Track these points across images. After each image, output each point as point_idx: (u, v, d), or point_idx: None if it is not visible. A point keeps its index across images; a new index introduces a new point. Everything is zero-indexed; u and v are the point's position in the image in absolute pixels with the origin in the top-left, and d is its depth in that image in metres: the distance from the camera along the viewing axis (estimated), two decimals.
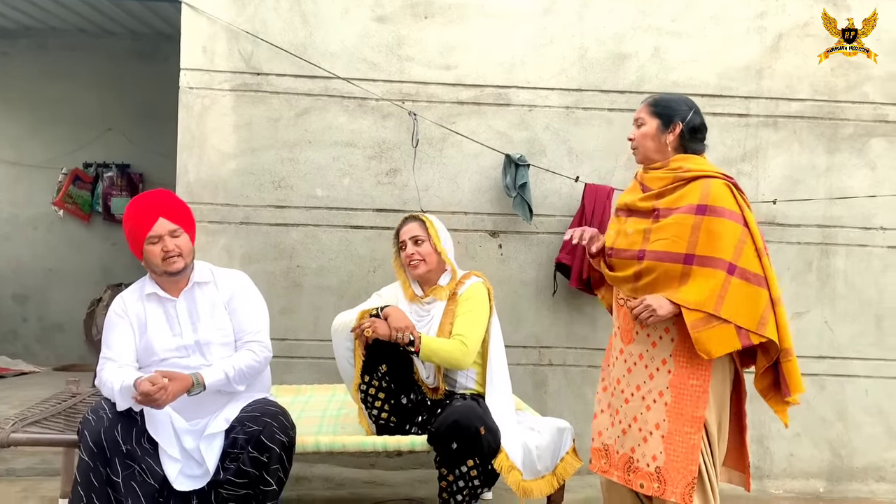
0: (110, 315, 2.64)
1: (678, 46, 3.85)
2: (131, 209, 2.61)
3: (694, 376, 2.33)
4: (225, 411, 2.57)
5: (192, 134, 3.74)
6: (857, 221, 3.88)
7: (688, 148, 2.46)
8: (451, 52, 3.80)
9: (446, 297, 2.98)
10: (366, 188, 3.79)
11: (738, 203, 2.32)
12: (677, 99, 2.53)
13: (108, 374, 2.53)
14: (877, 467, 3.91)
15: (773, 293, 2.29)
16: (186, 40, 3.74)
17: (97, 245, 6.85)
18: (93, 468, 2.38)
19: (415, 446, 2.67)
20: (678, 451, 2.33)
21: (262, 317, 2.72)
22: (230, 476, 2.46)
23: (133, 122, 6.80)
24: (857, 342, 3.89)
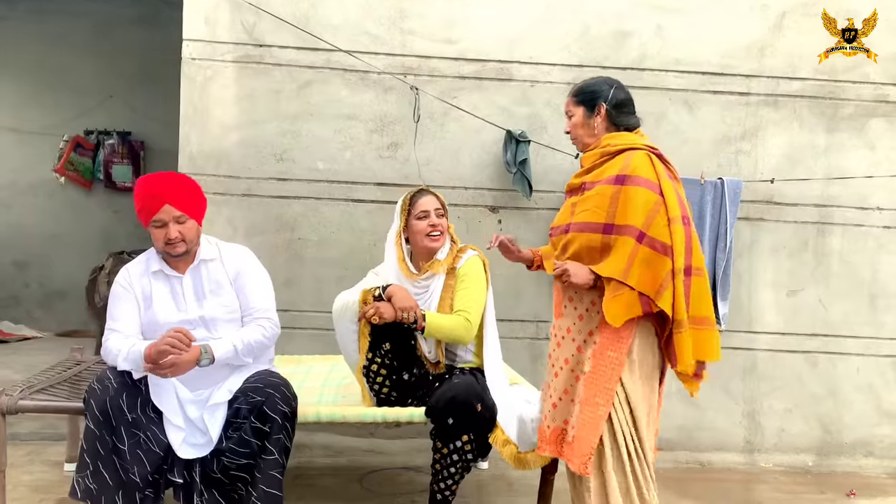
0: (115, 287, 2.68)
1: (680, 24, 3.85)
2: (140, 190, 2.62)
3: (613, 348, 2.35)
4: (228, 382, 2.63)
5: (195, 105, 3.75)
6: (854, 201, 3.92)
7: (619, 124, 2.49)
8: (454, 26, 3.80)
9: (444, 272, 3.00)
10: (367, 162, 3.81)
11: (657, 172, 2.34)
12: (597, 81, 2.57)
13: (113, 344, 2.58)
14: (865, 443, 3.99)
15: (675, 263, 2.28)
16: (189, 11, 3.73)
17: (98, 212, 6.87)
18: (99, 436, 2.44)
19: (413, 418, 2.73)
20: (586, 420, 2.37)
21: (269, 293, 2.76)
22: (232, 445, 2.51)
23: (134, 89, 6.78)
24: (850, 320, 3.95)
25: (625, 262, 2.28)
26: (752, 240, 3.90)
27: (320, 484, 3.43)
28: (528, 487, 3.28)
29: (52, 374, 3.07)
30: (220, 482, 2.53)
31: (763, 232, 3.91)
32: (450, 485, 2.75)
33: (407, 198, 3.02)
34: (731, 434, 3.95)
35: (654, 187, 2.31)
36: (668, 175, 2.39)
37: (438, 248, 2.99)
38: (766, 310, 3.93)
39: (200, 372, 2.61)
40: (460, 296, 2.91)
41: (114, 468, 2.43)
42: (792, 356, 3.95)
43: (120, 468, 2.43)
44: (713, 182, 3.72)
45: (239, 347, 2.58)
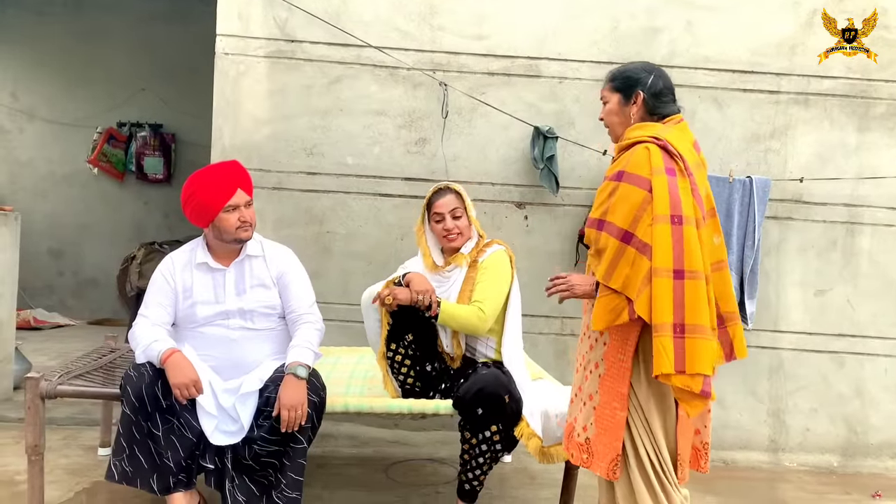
0: (157, 274, 2.76)
1: (711, 21, 3.84)
2: (207, 179, 2.69)
3: (621, 351, 2.26)
4: (259, 371, 2.69)
5: (227, 99, 3.82)
6: (885, 201, 3.88)
7: (656, 113, 2.32)
8: (483, 22, 3.82)
9: (466, 265, 3.04)
10: (395, 157, 3.85)
11: (651, 167, 2.16)
12: (635, 67, 2.39)
13: (139, 330, 2.67)
14: (892, 444, 3.97)
15: (653, 263, 2.11)
16: (223, 6, 3.80)
17: (130, 203, 7.01)
18: (135, 422, 2.51)
19: (439, 410, 2.76)
20: (605, 425, 2.28)
21: (311, 292, 2.86)
22: (263, 433, 2.58)
23: (166, 83, 6.90)
24: (878, 321, 3.93)
25: (608, 262, 2.19)
26: (780, 239, 3.89)
27: (346, 473, 3.49)
28: (551, 480, 3.31)
29: (88, 360, 3.15)
30: (250, 468, 2.59)
31: (791, 231, 3.89)
32: (478, 475, 2.79)
33: (427, 196, 3.07)
34: (756, 433, 3.95)
35: (644, 184, 2.16)
36: (669, 168, 2.17)
37: (459, 247, 3.04)
38: (793, 309, 3.92)
39: (232, 362, 2.70)
40: (479, 287, 2.94)
41: (149, 452, 2.51)
42: (818, 356, 3.93)
43: (155, 453, 2.51)
44: (742, 180, 3.71)
45: (315, 350, 2.73)
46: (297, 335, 2.74)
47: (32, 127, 6.97)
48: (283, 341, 2.83)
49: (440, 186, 3.12)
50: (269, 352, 2.79)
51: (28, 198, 6.86)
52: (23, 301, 5.55)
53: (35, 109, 6.96)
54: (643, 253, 2.13)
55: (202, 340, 2.73)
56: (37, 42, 6.91)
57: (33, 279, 6.62)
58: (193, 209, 2.73)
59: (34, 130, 6.98)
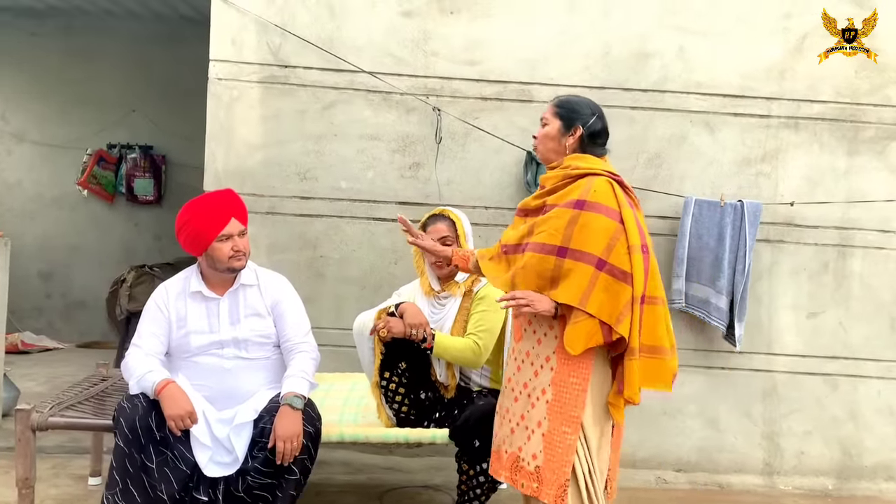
0: (150, 304, 2.74)
1: (702, 46, 3.87)
2: (201, 208, 2.69)
3: (574, 374, 2.31)
4: (254, 401, 2.67)
5: (221, 124, 3.81)
6: (875, 224, 3.91)
7: (587, 151, 2.44)
8: (476, 48, 3.84)
9: (461, 294, 3.03)
10: (389, 181, 3.85)
11: (618, 200, 2.31)
12: (582, 102, 2.50)
13: (132, 361, 2.65)
14: (886, 466, 3.97)
15: (635, 291, 2.25)
16: (216, 32, 3.80)
17: (120, 225, 6.98)
18: (128, 454, 2.48)
19: (435, 439, 2.76)
20: (555, 451, 2.32)
21: (306, 321, 2.85)
22: (257, 464, 2.55)
23: (156, 105, 6.90)
24: (871, 343, 3.94)
25: (583, 289, 2.25)
26: (772, 262, 3.91)
27: (341, 501, 3.45)
28: None
29: (80, 389, 3.11)
30: (242, 501, 2.56)
31: (783, 254, 3.91)
32: None
33: (423, 220, 3.09)
34: (750, 456, 3.94)
35: (615, 215, 2.29)
36: (629, 203, 2.36)
37: (445, 274, 3.04)
38: (786, 332, 3.93)
39: (226, 392, 2.68)
40: (474, 319, 2.94)
41: (142, 486, 2.47)
42: (812, 378, 3.94)
43: (148, 486, 2.47)
44: (733, 204, 3.73)
45: (311, 380, 2.69)
46: (292, 364, 2.72)
47: (21, 149, 6.95)
48: (277, 370, 2.81)
49: (436, 212, 3.12)
50: (264, 381, 2.77)
51: (16, 220, 6.81)
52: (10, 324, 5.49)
53: (25, 131, 6.94)
54: (622, 280, 2.25)
55: (196, 370, 2.71)
56: (27, 63, 6.89)
57: (21, 302, 6.54)
58: (187, 237, 2.72)
59: (23, 152, 6.95)
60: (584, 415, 2.32)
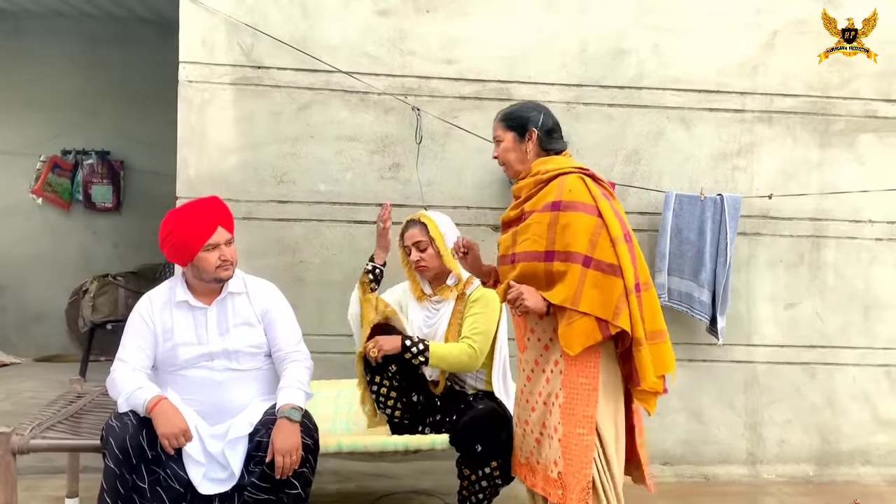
0: (134, 316, 2.64)
1: (677, 42, 3.89)
2: (186, 217, 2.60)
3: (583, 374, 2.31)
4: (248, 414, 2.58)
5: (193, 128, 3.69)
6: (847, 214, 3.99)
7: (548, 150, 2.47)
8: (453, 47, 3.80)
9: (454, 298, 3.00)
10: (369, 183, 3.79)
11: (592, 195, 2.32)
12: (525, 106, 2.56)
13: (119, 377, 2.55)
14: (863, 451, 4.06)
15: (627, 282, 2.25)
16: (185, 33, 3.67)
17: (78, 233, 6.73)
18: (119, 475, 2.37)
19: (435, 446, 2.71)
20: (573, 454, 2.31)
21: (297, 329, 2.78)
22: (255, 479, 2.47)
23: (112, 109, 6.68)
24: (845, 331, 4.02)
25: (574, 288, 2.26)
26: (749, 254, 3.96)
27: None
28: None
29: (57, 408, 2.98)
30: None
31: (760, 246, 3.97)
32: None
33: (401, 230, 3.08)
34: (734, 447, 3.99)
35: (592, 210, 2.30)
36: (604, 194, 2.38)
37: (429, 277, 3.02)
38: (765, 323, 3.99)
39: (218, 405, 2.59)
40: (469, 322, 2.91)
41: None
42: (790, 368, 4.01)
43: None
44: (713, 198, 3.77)
45: (307, 390, 2.61)
46: (286, 375, 2.64)
47: None
48: (270, 381, 2.73)
49: (410, 217, 3.09)
50: (257, 393, 2.68)
51: None
52: None
53: None
54: (612, 274, 2.26)
55: (185, 384, 2.61)
56: None
57: None
58: (171, 248, 2.63)
59: None
60: (600, 418, 2.31)
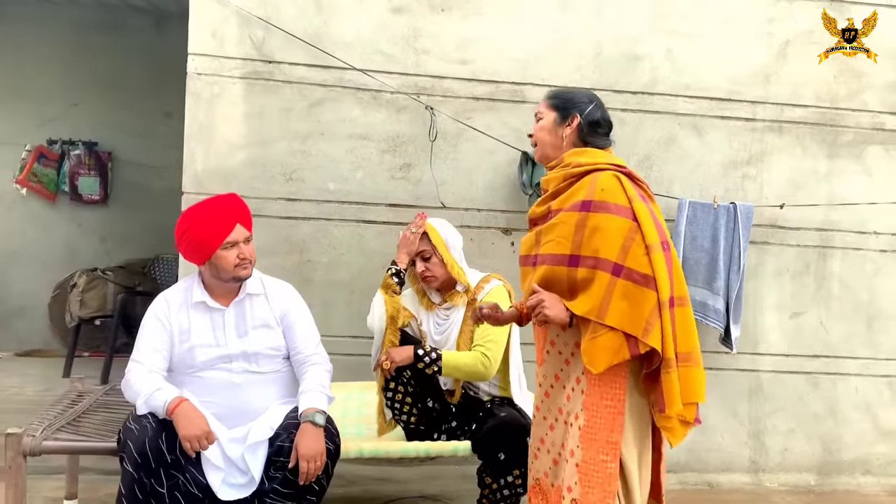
0: (150, 317, 2.55)
1: (690, 49, 3.89)
2: (203, 214, 2.53)
3: (608, 396, 2.09)
4: (268, 418, 2.52)
5: (200, 122, 3.60)
6: (854, 226, 4.01)
7: (588, 143, 2.25)
8: (468, 47, 3.75)
9: (464, 304, 2.95)
10: (379, 182, 3.73)
11: (628, 196, 2.09)
12: (578, 92, 2.37)
13: (135, 378, 2.47)
14: (863, 461, 4.09)
15: (661, 295, 2.01)
16: (195, 24, 3.58)
17: (63, 226, 6.56)
18: (137, 480, 2.30)
19: (457, 452, 2.67)
20: (594, 482, 2.10)
21: (316, 331, 2.73)
22: (276, 485, 2.41)
23: (101, 99, 6.52)
24: (849, 342, 4.05)
25: (600, 299, 2.03)
26: (757, 263, 3.96)
27: None
28: None
29: (61, 408, 2.87)
30: None
31: (768, 256, 3.98)
32: None
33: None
34: (738, 455, 4.00)
35: (627, 213, 2.06)
36: (642, 196, 2.14)
37: (436, 286, 2.97)
38: (771, 332, 4.00)
39: (237, 408, 2.53)
40: (480, 330, 2.85)
41: None
42: (794, 377, 4.02)
43: None
44: (726, 206, 3.77)
45: (328, 394, 2.55)
46: (306, 378, 2.58)
47: None
48: (289, 384, 2.67)
49: None
50: (276, 396, 2.62)
51: None
52: None
53: None
54: (644, 285, 2.02)
55: (202, 386, 2.54)
56: None
57: None
58: (188, 246, 2.55)
59: None
60: (624, 445, 2.10)
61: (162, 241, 6.37)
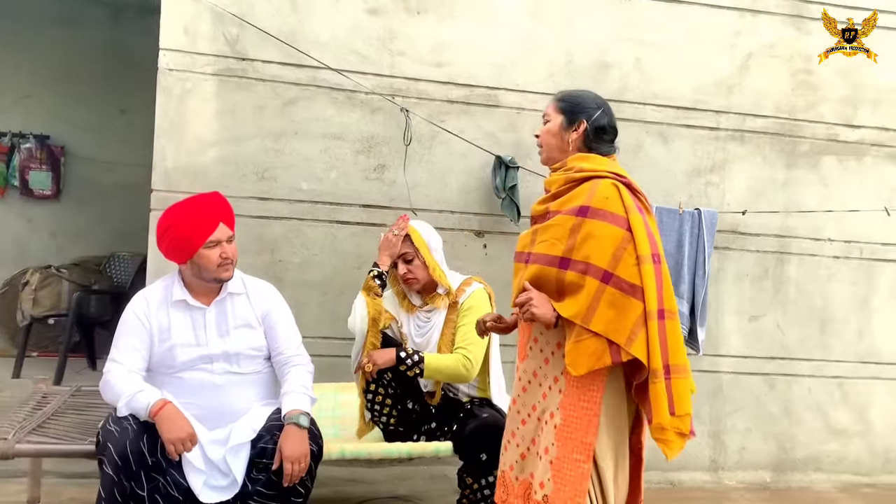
0: (129, 315, 2.50)
1: (658, 58, 3.98)
2: (186, 212, 2.49)
3: (585, 398, 2.12)
4: (250, 419, 2.50)
5: (171, 119, 3.54)
6: (809, 233, 4.17)
7: (592, 149, 2.27)
8: (443, 50, 3.78)
9: (445, 306, 2.97)
10: (353, 183, 3.72)
11: (625, 205, 2.12)
12: (586, 96, 2.34)
13: (116, 379, 2.43)
14: (815, 458, 4.26)
15: (647, 306, 2.04)
16: (167, 18, 3.52)
17: (12, 222, 6.32)
18: (117, 483, 2.26)
19: (439, 453, 2.69)
20: (566, 480, 2.14)
21: (297, 332, 2.70)
22: (259, 487, 2.40)
23: (53, 91, 6.30)
24: (804, 344, 4.21)
25: (587, 304, 2.06)
26: (718, 268, 4.09)
27: None
28: None
29: (28, 410, 2.80)
30: None
31: (729, 261, 4.11)
32: None
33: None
34: (699, 454, 4.11)
35: (622, 222, 2.10)
36: (638, 207, 2.16)
37: (416, 290, 2.98)
38: (731, 334, 4.13)
39: (218, 410, 2.50)
40: (461, 332, 2.88)
41: None
42: (752, 378, 4.16)
43: None
44: (691, 212, 3.88)
45: (311, 395, 2.54)
46: (289, 379, 2.56)
47: None
48: (270, 385, 2.66)
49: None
50: (256, 397, 2.60)
51: None
52: None
53: None
54: (631, 295, 2.05)
55: (182, 386, 2.50)
56: None
57: None
58: (170, 243, 2.51)
59: None
60: (598, 446, 2.13)
61: (116, 237, 6.23)
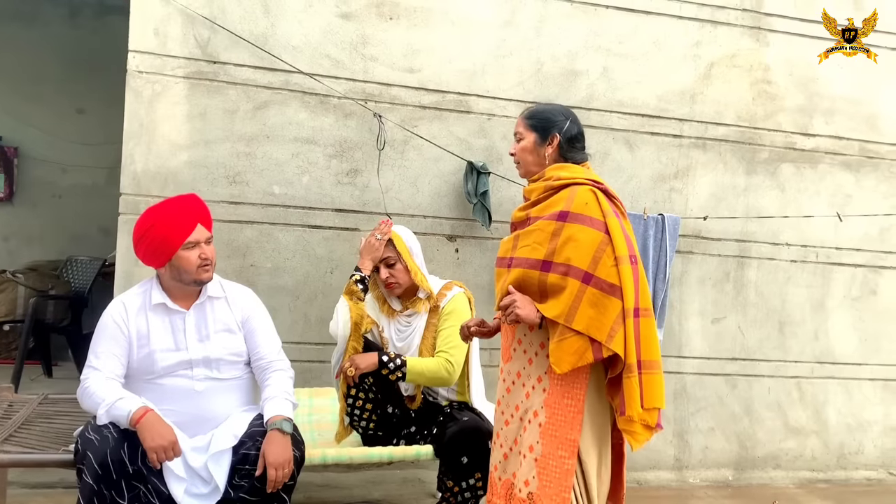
0: (106, 321, 2.46)
1: (624, 67, 4.08)
2: (164, 214, 2.46)
3: (568, 395, 2.22)
4: (231, 426, 2.48)
5: (141, 121, 3.49)
6: (768, 237, 4.32)
7: (567, 158, 2.39)
8: (415, 56, 3.80)
9: (426, 311, 2.98)
10: (325, 187, 3.72)
11: (602, 210, 2.23)
12: (553, 109, 2.47)
13: (95, 386, 2.39)
14: (774, 456, 4.40)
15: (626, 304, 2.16)
16: (136, 20, 3.47)
17: None
18: (97, 492, 2.22)
19: (420, 457, 2.70)
20: (551, 477, 2.22)
21: (277, 336, 2.69)
22: (243, 494, 2.38)
23: (7, 92, 6.16)
24: (763, 345, 4.35)
25: (569, 304, 2.16)
26: (682, 271, 4.20)
27: None
28: None
29: None
30: None
31: (692, 264, 4.22)
32: None
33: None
34: (664, 453, 4.22)
35: (600, 226, 2.20)
36: (615, 212, 2.27)
37: (397, 294, 2.99)
38: (694, 336, 4.24)
39: (198, 416, 2.48)
40: (443, 336, 2.90)
41: None
42: (715, 379, 4.28)
43: None
44: (655, 217, 3.97)
45: (293, 400, 2.53)
46: (270, 385, 2.55)
47: None
48: (249, 391, 2.65)
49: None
50: (237, 403, 2.59)
51: None
52: None
53: None
54: (611, 294, 2.16)
55: (161, 393, 2.47)
56: None
57: None
58: (149, 246, 2.49)
59: None
60: (582, 442, 2.22)
61: (73, 241, 6.10)
